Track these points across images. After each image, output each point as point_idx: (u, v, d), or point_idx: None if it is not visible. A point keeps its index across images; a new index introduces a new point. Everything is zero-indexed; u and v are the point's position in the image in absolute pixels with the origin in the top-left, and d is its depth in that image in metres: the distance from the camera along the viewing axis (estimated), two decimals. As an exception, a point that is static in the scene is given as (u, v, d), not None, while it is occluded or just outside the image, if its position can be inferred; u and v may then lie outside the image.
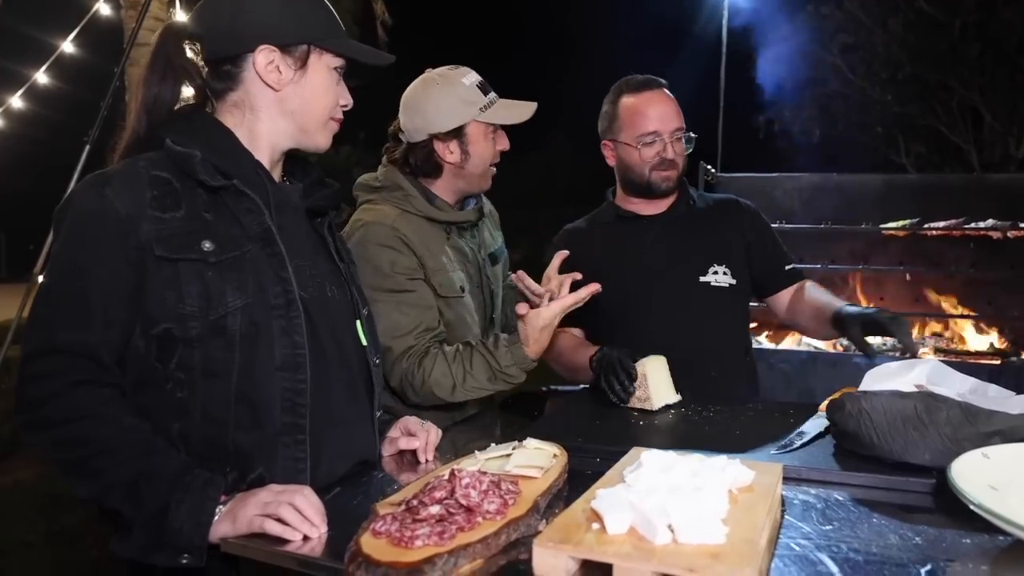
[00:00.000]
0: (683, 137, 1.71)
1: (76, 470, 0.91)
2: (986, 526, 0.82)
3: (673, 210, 1.78)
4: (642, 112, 1.70)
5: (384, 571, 0.72)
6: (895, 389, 1.20)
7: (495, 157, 1.63)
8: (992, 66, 9.00)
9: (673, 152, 1.70)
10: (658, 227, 1.76)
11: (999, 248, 3.79)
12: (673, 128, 1.69)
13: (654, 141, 1.69)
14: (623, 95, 1.74)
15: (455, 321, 1.59)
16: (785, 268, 1.77)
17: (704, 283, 1.70)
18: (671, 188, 1.74)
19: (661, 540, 0.73)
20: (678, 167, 1.72)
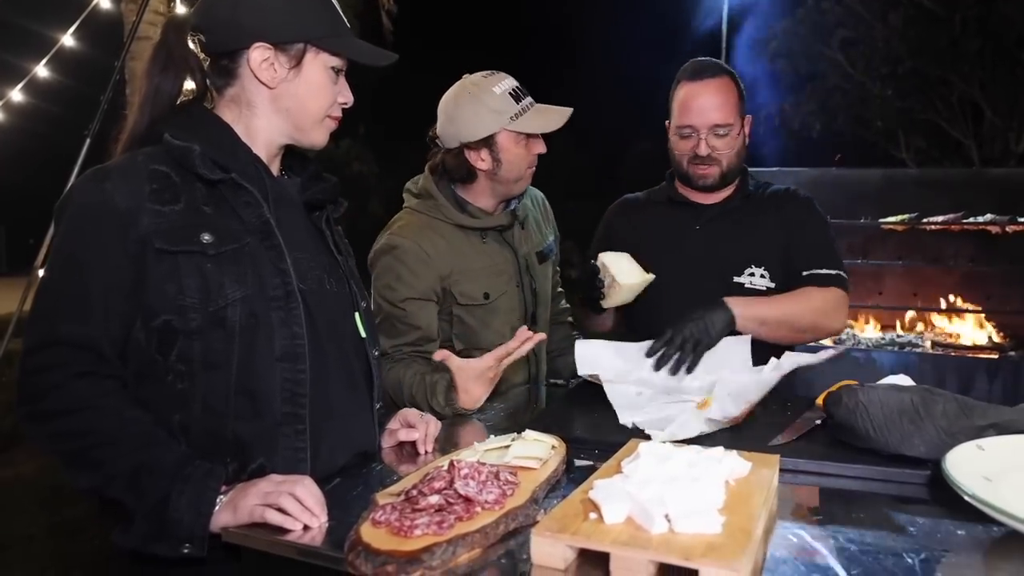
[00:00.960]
0: (726, 132, 1.61)
1: (77, 461, 0.92)
2: (980, 517, 0.83)
3: (727, 203, 1.70)
4: (684, 103, 1.63)
5: (383, 560, 0.73)
6: (891, 381, 1.21)
7: (531, 162, 1.65)
8: (992, 61, 8.99)
9: (707, 148, 1.61)
10: (706, 218, 1.69)
11: (998, 243, 3.81)
12: (710, 124, 1.60)
13: (690, 135, 1.63)
14: (680, 81, 1.67)
15: (477, 326, 1.64)
16: (803, 273, 1.62)
17: (738, 284, 1.63)
18: (711, 184, 1.66)
19: (658, 529, 0.74)
20: (719, 163, 1.63)
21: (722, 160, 1.63)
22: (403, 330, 1.57)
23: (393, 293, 1.57)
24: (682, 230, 1.69)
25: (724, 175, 1.66)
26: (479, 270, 1.64)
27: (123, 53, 3.60)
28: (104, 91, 3.54)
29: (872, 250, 4.00)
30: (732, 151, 1.64)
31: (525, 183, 1.68)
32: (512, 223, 1.72)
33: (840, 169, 4.19)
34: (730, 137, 1.63)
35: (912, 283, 4.05)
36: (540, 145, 1.65)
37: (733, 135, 1.63)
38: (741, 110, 1.65)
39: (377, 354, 1.18)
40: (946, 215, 3.75)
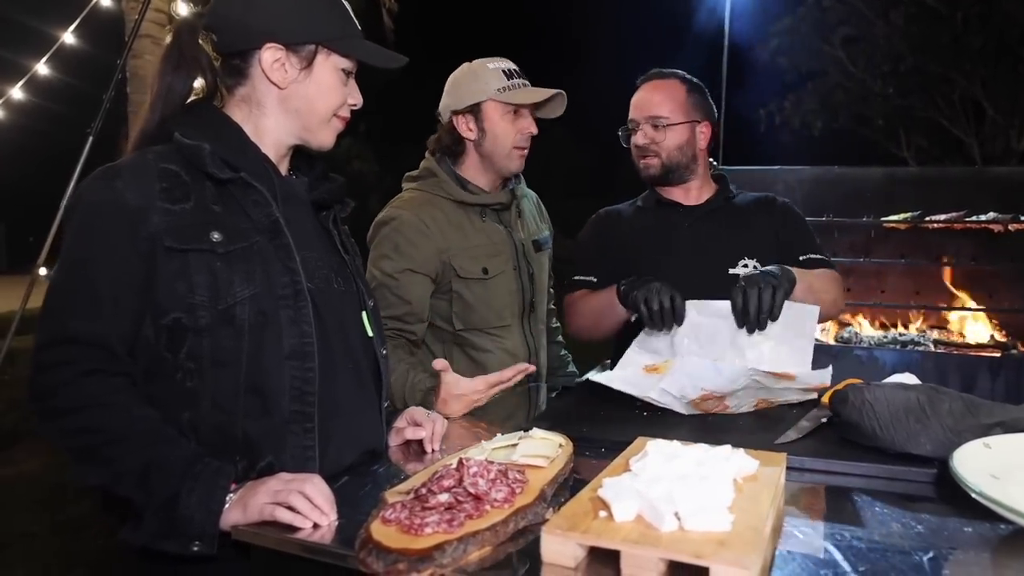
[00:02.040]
0: (662, 125, 1.71)
1: (87, 458, 0.92)
2: (987, 514, 0.83)
3: (711, 202, 1.79)
4: (631, 103, 1.78)
5: (394, 558, 0.73)
6: (897, 380, 1.22)
7: (518, 139, 1.69)
8: (994, 58, 8.98)
9: (644, 139, 1.73)
10: (694, 217, 1.77)
11: (1000, 241, 3.80)
12: (647, 115, 1.73)
13: (634, 129, 1.76)
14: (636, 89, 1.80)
15: (476, 303, 1.68)
16: (800, 258, 1.71)
17: (733, 275, 1.69)
18: (654, 175, 1.76)
19: (668, 527, 0.74)
20: (658, 155, 1.73)
21: (661, 152, 1.73)
22: (392, 302, 1.58)
23: (389, 263, 1.60)
24: (673, 229, 1.77)
25: (666, 166, 1.74)
26: (477, 247, 1.69)
27: (125, 51, 3.59)
28: (105, 89, 3.54)
29: (874, 248, 4.00)
30: (673, 145, 1.73)
31: (514, 162, 1.72)
32: (511, 203, 1.78)
33: (842, 168, 4.17)
34: (668, 131, 1.72)
35: (914, 281, 4.05)
36: (529, 123, 1.70)
37: (674, 131, 1.72)
38: (689, 112, 1.74)
39: (385, 353, 1.19)
40: (948, 213, 3.75)
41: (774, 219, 1.78)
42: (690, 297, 1.57)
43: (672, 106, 1.73)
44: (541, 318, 1.84)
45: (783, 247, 1.74)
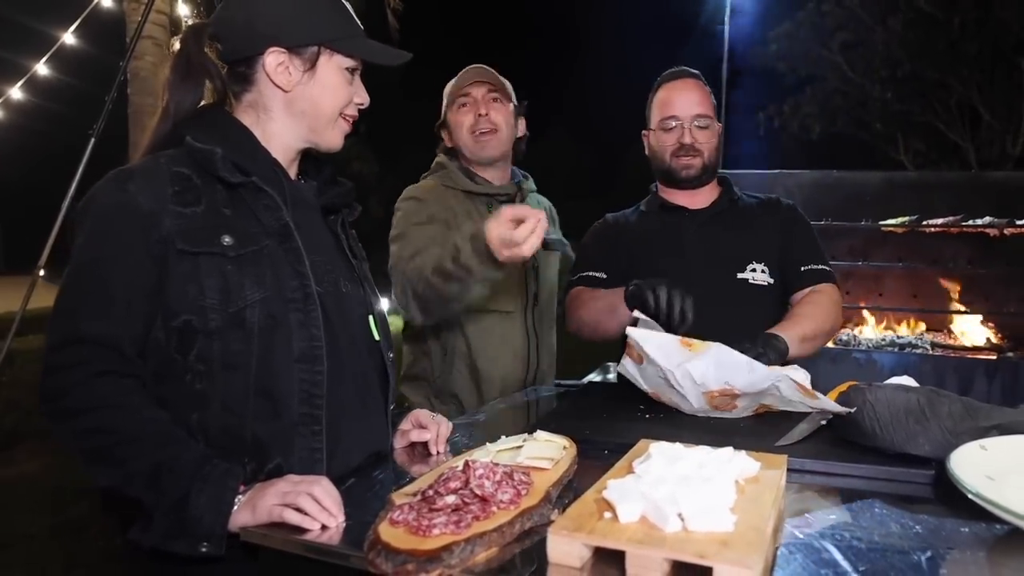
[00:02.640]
0: (707, 124, 1.71)
1: (98, 459, 0.93)
2: (984, 515, 0.84)
3: (716, 205, 1.78)
4: (665, 99, 1.74)
5: (403, 558, 0.74)
6: (896, 382, 1.23)
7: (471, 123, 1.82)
8: (990, 64, 9.04)
9: (691, 137, 1.70)
10: (701, 221, 1.75)
11: (996, 245, 3.83)
12: (693, 114, 1.70)
13: (673, 126, 1.72)
14: (660, 86, 1.78)
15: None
16: (802, 268, 1.71)
17: (742, 280, 1.69)
18: (693, 176, 1.73)
19: (672, 528, 0.76)
20: (701, 155, 1.72)
21: (703, 152, 1.72)
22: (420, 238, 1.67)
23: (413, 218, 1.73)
24: (681, 233, 1.75)
25: (705, 167, 1.74)
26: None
27: (128, 53, 3.60)
28: (105, 90, 3.55)
29: (872, 252, 4.03)
30: (711, 145, 1.74)
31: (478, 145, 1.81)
32: (516, 194, 1.86)
33: (840, 172, 4.21)
34: (710, 131, 1.73)
35: (912, 285, 4.08)
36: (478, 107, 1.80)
37: (712, 130, 1.74)
38: (716, 113, 1.76)
39: (392, 356, 1.20)
40: (945, 218, 3.78)
41: (782, 224, 1.76)
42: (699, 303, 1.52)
43: (710, 106, 1.73)
44: (545, 314, 1.86)
45: (786, 254, 1.72)
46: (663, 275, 1.62)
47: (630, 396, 1.45)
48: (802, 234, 1.77)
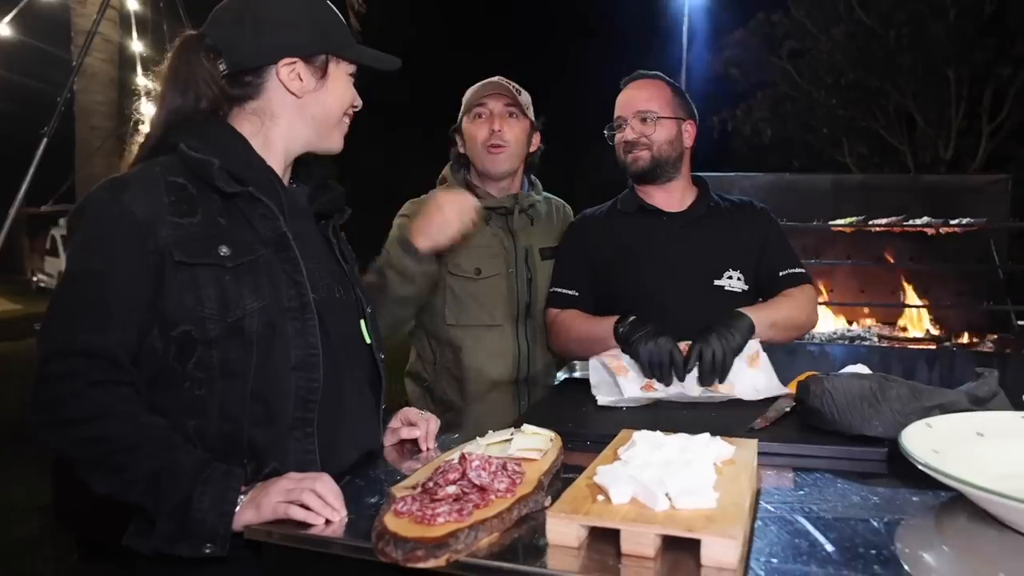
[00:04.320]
0: (648, 118, 1.72)
1: (96, 467, 0.94)
2: (931, 484, 0.94)
3: (694, 209, 1.79)
4: (616, 102, 1.80)
5: (412, 545, 0.78)
6: (851, 371, 1.33)
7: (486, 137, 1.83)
8: (923, 75, 9.54)
9: (633, 133, 1.73)
10: (679, 225, 1.77)
11: (933, 243, 4.07)
12: (635, 111, 1.73)
13: (621, 126, 1.77)
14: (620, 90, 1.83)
15: (467, 299, 1.77)
16: (780, 274, 1.75)
17: (718, 287, 1.72)
18: (643, 168, 1.75)
19: (661, 507, 0.82)
20: (649, 147, 1.73)
21: (651, 145, 1.73)
22: None
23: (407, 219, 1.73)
24: (659, 238, 1.76)
25: (655, 159, 1.74)
26: (476, 247, 1.77)
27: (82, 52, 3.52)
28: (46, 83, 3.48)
29: (823, 250, 4.23)
30: (663, 139, 1.73)
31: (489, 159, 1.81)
32: (513, 207, 1.85)
33: (793, 174, 4.40)
34: (657, 125, 1.73)
35: (860, 281, 4.30)
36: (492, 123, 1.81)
37: (663, 125, 1.73)
38: (675, 109, 1.76)
39: (382, 357, 1.23)
40: (888, 218, 3.99)
41: (757, 231, 1.79)
42: (674, 308, 1.64)
43: (660, 102, 1.74)
44: (539, 325, 1.85)
45: (764, 261, 1.77)
46: (638, 280, 1.70)
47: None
48: (777, 240, 1.81)
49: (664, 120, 1.74)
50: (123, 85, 5.63)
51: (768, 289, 1.75)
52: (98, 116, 5.55)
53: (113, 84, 5.64)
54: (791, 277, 1.75)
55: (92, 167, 5.27)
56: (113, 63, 5.63)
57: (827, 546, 0.82)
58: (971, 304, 4.15)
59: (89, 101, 5.46)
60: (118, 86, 5.65)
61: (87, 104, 5.46)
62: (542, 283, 1.85)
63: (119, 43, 5.61)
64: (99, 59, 5.31)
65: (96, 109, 5.51)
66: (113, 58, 5.62)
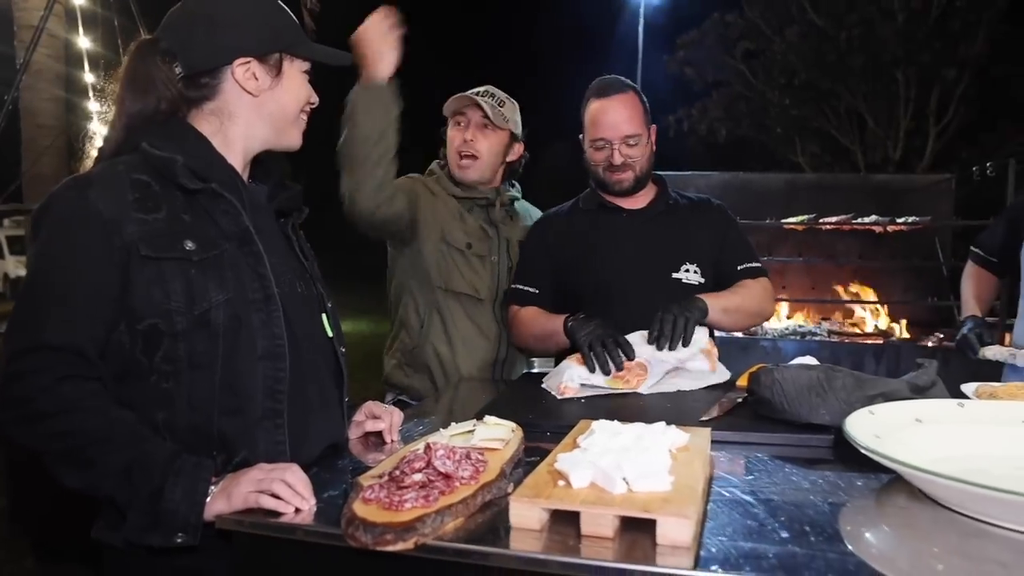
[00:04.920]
0: (636, 143, 1.79)
1: (67, 461, 0.94)
2: (872, 468, 1.00)
3: (653, 207, 1.87)
4: (596, 119, 1.81)
5: (381, 530, 0.81)
6: (800, 362, 1.40)
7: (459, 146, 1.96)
8: (873, 76, 9.88)
9: (620, 157, 1.79)
10: (638, 222, 1.85)
11: (881, 241, 4.24)
12: (622, 136, 1.78)
13: (603, 147, 1.81)
14: (590, 99, 1.84)
15: (455, 269, 1.89)
16: (738, 268, 1.84)
17: (676, 280, 1.79)
18: (627, 188, 1.82)
19: (619, 490, 0.86)
20: (633, 169, 1.80)
21: (635, 166, 1.81)
22: None
23: None
24: (620, 233, 1.84)
25: (638, 179, 1.83)
26: (466, 229, 1.93)
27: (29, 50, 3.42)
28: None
29: (776, 248, 4.36)
30: (643, 158, 1.82)
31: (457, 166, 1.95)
32: (495, 200, 1.97)
33: (747, 173, 4.53)
34: (640, 146, 1.81)
35: (811, 277, 4.45)
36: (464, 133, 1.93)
37: (642, 144, 1.81)
38: (647, 121, 1.84)
39: (343, 351, 1.25)
40: (838, 216, 4.14)
41: (715, 227, 1.88)
42: (634, 300, 1.72)
43: (639, 121, 1.80)
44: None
45: (722, 256, 1.85)
46: (600, 275, 1.76)
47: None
48: (734, 236, 1.90)
49: (645, 140, 1.82)
50: (70, 82, 5.44)
51: (728, 283, 1.84)
52: (45, 115, 5.36)
53: (60, 81, 5.45)
54: (749, 271, 1.84)
55: (40, 166, 5.09)
56: (59, 59, 5.44)
57: (775, 525, 0.87)
58: (917, 300, 4.34)
59: (35, 99, 5.27)
60: (65, 83, 5.46)
61: (33, 102, 5.28)
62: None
63: (65, 39, 5.42)
64: (44, 55, 5.13)
65: (43, 107, 5.33)
66: (59, 54, 5.43)
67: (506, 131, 1.94)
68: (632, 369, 1.52)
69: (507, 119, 1.93)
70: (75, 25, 5.47)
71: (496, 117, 1.90)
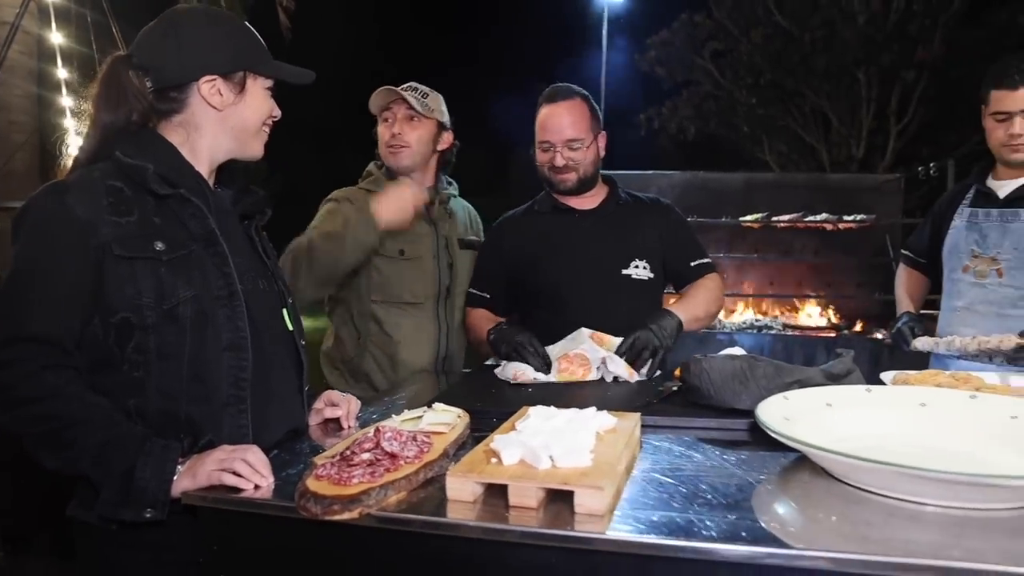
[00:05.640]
0: (578, 146, 1.90)
1: (47, 443, 1.03)
2: (783, 449, 1.11)
3: (604, 207, 2.00)
4: (543, 123, 1.94)
5: (330, 501, 0.91)
6: (727, 353, 1.52)
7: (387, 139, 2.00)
8: (836, 76, 10.16)
9: (563, 159, 1.91)
10: (589, 221, 1.98)
11: (832, 238, 4.42)
12: (564, 139, 1.90)
13: (548, 149, 1.93)
14: (541, 104, 1.96)
15: (391, 278, 1.95)
16: (691, 264, 1.98)
17: (626, 275, 1.92)
18: (570, 188, 1.95)
19: (543, 466, 0.96)
20: (576, 170, 1.92)
21: (578, 168, 1.92)
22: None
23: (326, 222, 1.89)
24: (571, 233, 1.97)
25: (581, 180, 1.94)
26: (401, 233, 1.92)
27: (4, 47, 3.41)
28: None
29: (734, 245, 4.52)
30: (586, 161, 1.93)
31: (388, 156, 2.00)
32: (434, 200, 2.03)
33: (707, 173, 4.69)
34: (583, 150, 1.91)
35: (767, 274, 4.62)
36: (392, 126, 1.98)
37: (585, 148, 1.92)
38: (593, 128, 1.95)
39: (303, 344, 1.34)
40: (792, 215, 4.31)
41: (663, 225, 2.00)
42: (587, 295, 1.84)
43: (583, 126, 1.91)
44: (458, 306, 2.06)
45: (673, 253, 1.99)
46: (554, 274, 1.89)
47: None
48: (684, 234, 2.03)
49: (588, 144, 1.93)
50: (43, 78, 5.39)
51: (681, 278, 1.99)
52: (17, 111, 5.30)
53: (32, 77, 5.40)
54: (701, 267, 1.99)
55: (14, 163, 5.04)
56: (32, 55, 5.38)
57: (688, 498, 0.98)
58: (868, 295, 4.53)
59: (8, 95, 5.21)
60: (37, 79, 5.41)
61: (6, 98, 5.21)
62: (461, 268, 2.06)
63: (38, 35, 5.36)
64: (17, 51, 5.08)
65: (16, 103, 5.27)
66: (32, 50, 5.37)
67: (432, 120, 2.01)
68: (574, 361, 1.64)
69: (432, 109, 2.01)
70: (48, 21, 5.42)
71: (422, 108, 1.97)
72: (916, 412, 1.24)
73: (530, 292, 1.94)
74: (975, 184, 2.10)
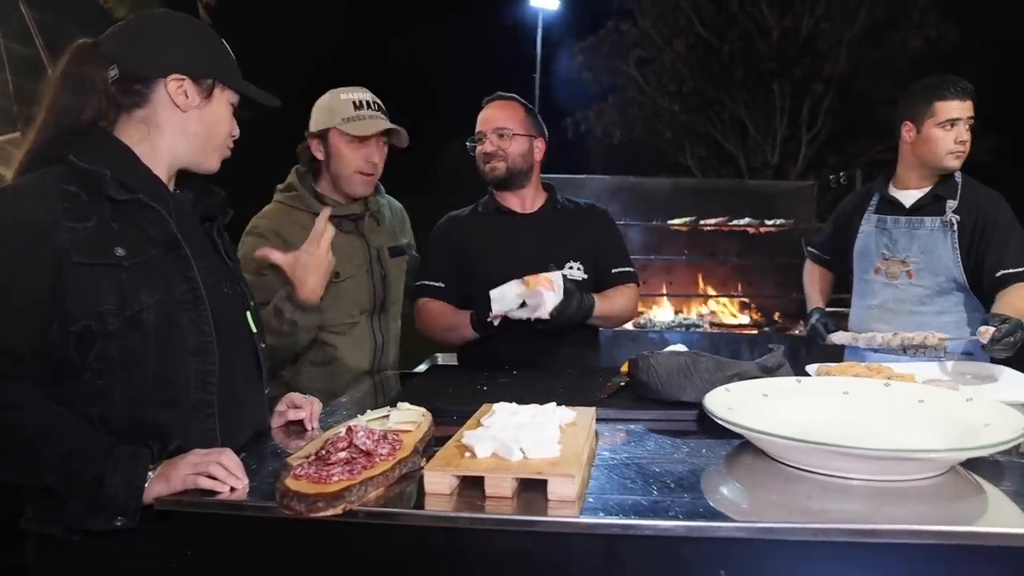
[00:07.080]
0: (504, 134, 2.00)
1: (7, 454, 1.00)
2: (727, 436, 1.21)
3: (543, 211, 2.11)
4: (479, 121, 2.06)
5: (313, 499, 0.93)
6: (671, 349, 1.62)
7: (360, 165, 1.90)
8: (752, 86, 10.73)
9: (491, 146, 2.01)
10: (528, 224, 2.09)
11: (755, 241, 4.69)
12: (492, 127, 2.01)
13: (481, 139, 2.04)
14: (481, 108, 2.07)
15: (327, 303, 1.84)
16: (612, 271, 2.08)
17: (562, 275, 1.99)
18: (499, 177, 2.03)
19: (516, 458, 1.02)
20: (504, 160, 2.01)
21: (507, 157, 2.01)
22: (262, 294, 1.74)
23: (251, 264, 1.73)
24: (512, 234, 2.07)
25: (510, 170, 2.03)
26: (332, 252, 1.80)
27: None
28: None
29: (663, 247, 4.72)
30: (516, 153, 2.02)
31: (358, 187, 1.93)
32: (364, 214, 2.00)
33: (636, 177, 4.88)
34: (511, 139, 2.01)
35: (694, 274, 4.85)
36: (372, 152, 1.89)
37: (512, 137, 2.01)
38: (527, 126, 2.06)
39: (263, 346, 1.34)
40: (717, 218, 4.54)
41: (596, 230, 2.13)
42: None
43: (515, 121, 2.03)
44: (392, 316, 2.07)
45: (600, 257, 2.10)
46: (496, 272, 1.94)
47: (470, 374, 1.75)
48: (613, 240, 2.17)
49: (518, 136, 2.03)
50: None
51: (603, 282, 2.09)
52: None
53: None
54: (621, 275, 2.11)
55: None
56: None
57: (646, 483, 1.06)
58: (786, 294, 4.83)
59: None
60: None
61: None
62: (394, 279, 2.05)
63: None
64: None
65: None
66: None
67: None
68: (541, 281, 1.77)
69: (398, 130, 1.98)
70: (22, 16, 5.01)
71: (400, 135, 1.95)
72: (840, 399, 1.38)
73: (472, 288, 2.00)
74: (878, 192, 2.29)
